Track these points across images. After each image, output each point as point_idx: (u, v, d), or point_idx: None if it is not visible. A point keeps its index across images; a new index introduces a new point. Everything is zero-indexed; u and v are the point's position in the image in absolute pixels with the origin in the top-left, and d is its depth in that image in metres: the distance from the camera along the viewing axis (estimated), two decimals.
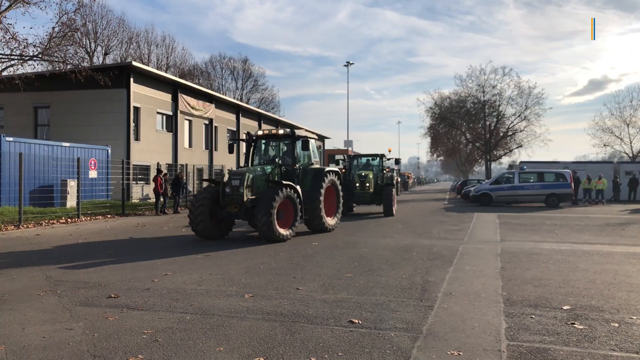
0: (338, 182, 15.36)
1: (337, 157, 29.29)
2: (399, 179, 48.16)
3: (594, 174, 31.67)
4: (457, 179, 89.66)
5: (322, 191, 14.17)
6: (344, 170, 22.63)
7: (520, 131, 52.10)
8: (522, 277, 8.20)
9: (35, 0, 21.69)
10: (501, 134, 53.85)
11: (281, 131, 14.70)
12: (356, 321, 5.61)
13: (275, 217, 12.21)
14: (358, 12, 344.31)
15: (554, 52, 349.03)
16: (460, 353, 4.63)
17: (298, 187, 13.49)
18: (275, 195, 12.33)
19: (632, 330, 5.34)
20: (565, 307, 6.26)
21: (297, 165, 14.26)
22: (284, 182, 13.00)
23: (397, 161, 22.78)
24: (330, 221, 14.88)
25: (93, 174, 23.25)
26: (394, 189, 21.46)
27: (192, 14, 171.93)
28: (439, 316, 5.87)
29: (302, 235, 14.33)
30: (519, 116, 51.44)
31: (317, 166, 15.20)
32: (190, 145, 34.84)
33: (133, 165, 26.50)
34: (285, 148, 15.14)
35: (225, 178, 13.13)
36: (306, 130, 18.50)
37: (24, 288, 7.38)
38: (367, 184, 21.33)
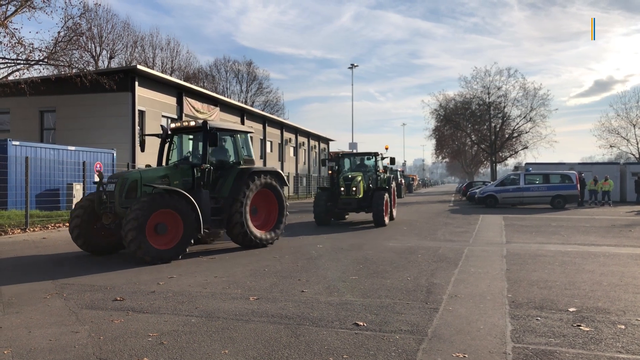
0: (281, 187, 12.57)
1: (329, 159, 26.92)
2: (403, 181, 48.00)
3: (600, 175, 31.55)
4: (462, 180, 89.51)
5: (246, 198, 11.50)
6: (330, 173, 20.56)
7: (526, 132, 52.05)
8: (527, 279, 8.17)
9: (41, 5, 21.82)
10: (506, 136, 53.75)
11: (192, 123, 11.98)
12: (361, 324, 5.60)
13: (144, 232, 9.58)
14: (361, 15, 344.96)
15: (559, 54, 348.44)
16: (466, 355, 4.61)
17: (212, 191, 11.42)
18: (147, 204, 9.71)
19: (639, 332, 5.31)
20: (571, 309, 6.23)
21: (207, 165, 11.38)
22: (172, 188, 10.40)
23: (392, 160, 19.99)
24: (261, 234, 12.00)
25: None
26: (386, 194, 18.05)
27: (196, 18, 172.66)
28: (444, 318, 5.85)
29: (306, 238, 14.34)
30: (524, 117, 51.39)
31: (249, 166, 12.22)
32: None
33: (138, 168, 26.55)
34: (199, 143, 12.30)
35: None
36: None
37: (30, 291, 7.41)
38: (354, 188, 17.95)
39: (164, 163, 12.34)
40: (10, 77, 22.99)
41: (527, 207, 28.45)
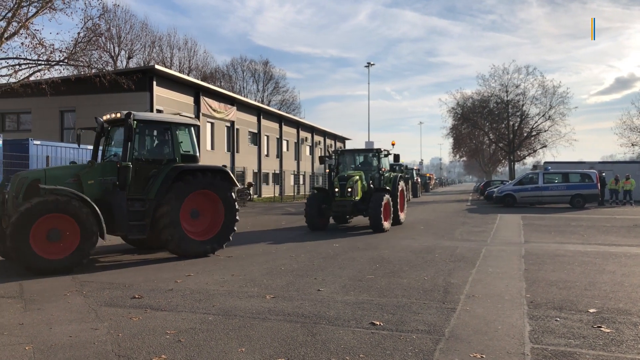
0: (228, 188, 10.90)
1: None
2: (419, 180, 47.58)
3: (621, 174, 31.01)
4: (480, 179, 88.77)
5: (175, 200, 9.99)
6: (327, 171, 18.90)
7: (545, 131, 51.36)
8: (546, 279, 8.07)
9: (62, 6, 22.16)
10: (525, 134, 53.12)
11: (118, 114, 10.59)
12: (378, 323, 5.59)
13: (28, 238, 8.44)
14: (377, 13, 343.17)
15: (578, 51, 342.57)
16: (483, 356, 4.57)
17: (142, 192, 10.04)
18: (33, 208, 8.53)
19: None
20: (591, 310, 6.14)
21: (127, 163, 9.86)
22: (63, 189, 9.06)
23: (396, 158, 18.18)
24: (199, 241, 10.46)
25: None
26: (386, 196, 15.84)
27: (213, 18, 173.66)
28: (461, 318, 5.81)
29: (322, 237, 14.34)
30: (543, 116, 50.70)
31: (186, 164, 10.66)
32: (212, 148, 35.15)
33: None
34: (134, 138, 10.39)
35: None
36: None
37: (51, 288, 7.53)
38: (349, 189, 15.79)
39: (98, 159, 10.89)
40: (32, 78, 23.38)
41: (546, 206, 28.10)
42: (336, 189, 16.09)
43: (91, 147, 16.73)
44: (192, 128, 11.45)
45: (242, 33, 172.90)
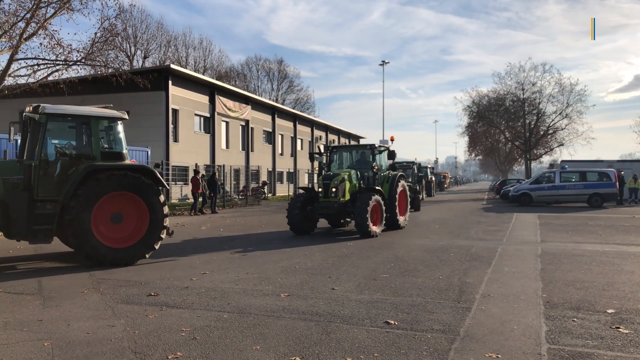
0: (151, 190, 9.63)
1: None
2: (433, 179, 47.21)
3: None
4: (495, 178, 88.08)
5: (85, 204, 8.97)
6: (316, 169, 17.40)
7: (562, 129, 50.78)
8: (563, 279, 7.98)
9: (79, 7, 22.41)
10: (541, 133, 52.58)
11: (29, 108, 9.72)
12: (392, 322, 5.57)
13: None
14: (392, 11, 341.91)
15: (596, 48, 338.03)
16: (499, 356, 4.54)
17: (56, 193, 9.11)
18: None
19: None
20: (609, 311, 6.06)
21: (32, 161, 9.17)
22: None
23: (391, 154, 16.13)
24: (117, 248, 9.34)
25: None
26: (375, 196, 14.03)
27: (227, 17, 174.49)
28: (476, 318, 5.78)
29: (337, 235, 14.34)
30: (560, 114, 50.14)
31: (103, 162, 9.52)
32: (227, 147, 35.33)
33: (172, 166, 27.05)
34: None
35: None
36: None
37: (69, 285, 7.63)
38: (334, 189, 14.17)
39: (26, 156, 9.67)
40: (50, 78, 23.68)
41: (563, 205, 27.78)
42: (319, 189, 14.68)
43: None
44: (118, 122, 10.22)
45: (256, 32, 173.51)
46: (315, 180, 52.34)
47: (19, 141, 10.70)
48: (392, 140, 18.26)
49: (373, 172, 15.17)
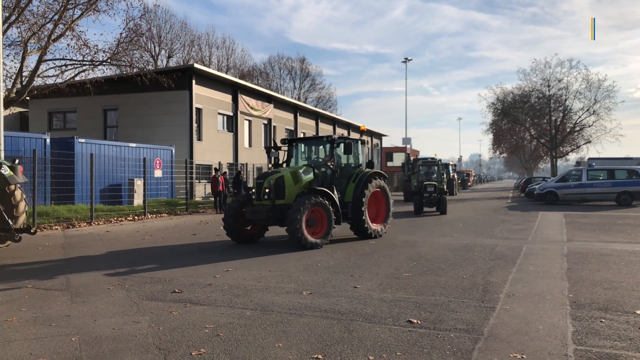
0: None
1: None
2: (456, 177, 46.52)
3: None
4: (520, 176, 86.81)
5: None
6: (270, 166, 14.37)
7: (589, 126, 49.66)
8: (590, 279, 7.83)
9: (105, 8, 22.79)
10: (568, 130, 51.55)
11: None
12: (415, 321, 5.54)
13: None
14: (414, 8, 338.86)
15: (625, 42, 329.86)
16: (524, 356, 4.47)
17: None
18: None
19: None
20: (638, 312, 5.92)
21: None
22: None
23: (347, 148, 12.99)
24: None
25: (158, 173, 24.16)
26: (314, 199, 11.36)
27: (249, 16, 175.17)
28: (501, 318, 5.70)
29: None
30: (587, 110, 49.04)
31: None
32: (250, 145, 35.55)
33: (196, 164, 27.34)
34: None
35: None
36: None
37: (96, 282, 7.78)
38: (267, 190, 11.81)
39: None
40: (77, 78, 24.13)
41: (590, 204, 27.24)
42: (253, 190, 12.50)
43: (134, 145, 16.61)
44: None
45: (278, 31, 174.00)
46: None
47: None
48: (362, 130, 15.46)
49: (331, 170, 12.63)
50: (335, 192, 12.27)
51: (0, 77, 14.92)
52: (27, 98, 25.60)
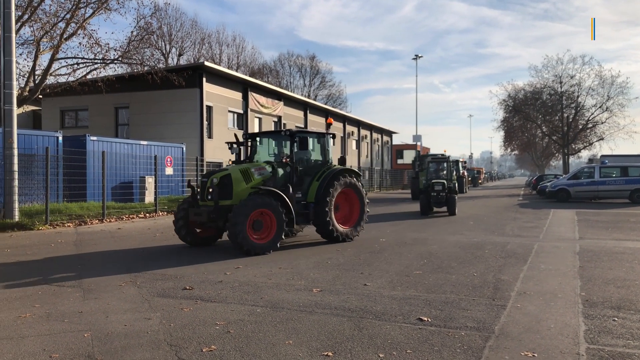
0: None
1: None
2: (466, 174, 46.10)
3: None
4: (532, 173, 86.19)
5: None
6: (230, 163, 13.33)
7: (602, 123, 49.12)
8: (603, 277, 7.76)
9: (116, 6, 22.93)
10: (580, 127, 51.05)
11: None
12: (425, 319, 5.53)
13: None
14: (424, 4, 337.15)
15: (638, 38, 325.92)
16: (535, 355, 4.45)
17: None
18: None
19: None
20: None
21: None
22: None
23: (303, 143, 11.25)
24: None
25: (169, 170, 24.27)
26: (261, 199, 10.25)
27: (259, 14, 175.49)
28: (512, 316, 5.67)
29: (369, 231, 14.28)
30: (600, 107, 48.50)
31: None
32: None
33: (206, 162, 27.44)
34: None
35: None
36: None
37: (107, 279, 7.84)
38: (211, 190, 10.68)
39: None
40: (89, 76, 24.32)
41: (603, 201, 26.98)
42: (198, 189, 11.42)
43: (145, 143, 16.67)
44: None
45: (288, 28, 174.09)
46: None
47: None
48: (329, 124, 13.26)
49: (291, 167, 11.43)
50: (292, 191, 10.97)
51: (13, 75, 15.07)
52: (40, 96, 25.89)
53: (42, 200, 16.32)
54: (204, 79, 28.53)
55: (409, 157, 60.89)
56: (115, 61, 23.94)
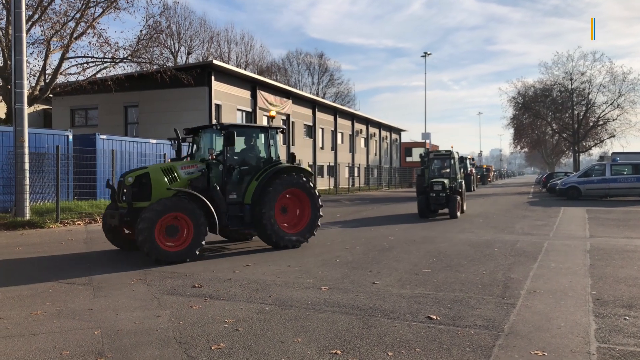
0: None
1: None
2: (474, 171, 45.72)
3: None
4: (542, 171, 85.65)
5: None
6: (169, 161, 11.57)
7: (613, 120, 48.72)
8: (614, 276, 7.69)
9: (125, 5, 23.03)
10: (591, 124, 50.65)
11: None
12: (434, 317, 5.51)
13: None
14: (433, 1, 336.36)
15: None
16: (545, 354, 4.42)
17: None
18: None
19: None
20: None
21: None
22: None
23: (228, 139, 10.19)
24: None
25: None
26: (181, 203, 9.22)
27: (267, 12, 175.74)
28: (521, 314, 5.64)
29: (377, 229, 14.26)
30: (611, 104, 48.10)
31: None
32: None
33: None
34: None
35: None
36: None
37: (117, 276, 7.89)
38: (124, 190, 9.77)
39: None
40: (98, 75, 24.47)
41: (614, 199, 26.74)
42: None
43: (154, 141, 16.67)
44: None
45: (296, 26, 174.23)
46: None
47: None
48: (271, 118, 11.80)
49: (224, 165, 10.39)
50: (221, 191, 10.00)
51: (24, 75, 15.19)
52: (50, 95, 26.08)
53: (53, 198, 16.43)
54: (213, 78, 28.61)
55: (417, 155, 60.72)
56: (125, 60, 24.07)
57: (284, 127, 11.60)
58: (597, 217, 17.42)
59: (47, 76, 22.31)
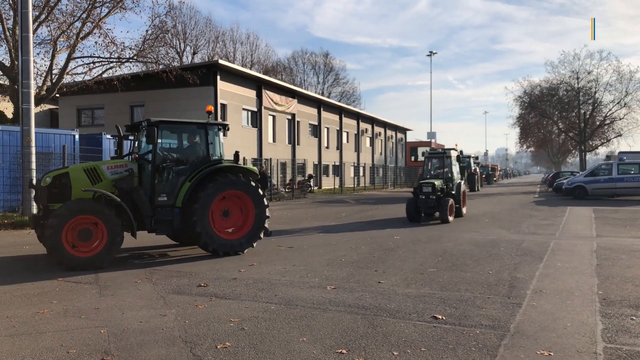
0: None
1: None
2: (478, 171, 45.42)
3: None
4: (548, 171, 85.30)
5: None
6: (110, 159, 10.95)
7: (620, 119, 48.44)
8: (621, 276, 7.65)
9: (131, 5, 23.09)
10: (597, 123, 50.38)
11: None
12: (440, 317, 5.50)
13: None
14: (439, 0, 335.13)
15: None
16: (551, 354, 4.40)
17: None
18: None
19: None
20: None
21: None
22: None
23: (150, 136, 9.30)
24: None
25: None
26: (85, 206, 8.58)
27: (272, 11, 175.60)
28: (527, 314, 5.62)
29: (383, 229, 14.25)
30: (618, 103, 47.83)
31: None
32: (274, 140, 35.66)
33: None
34: None
35: None
36: None
37: (123, 275, 7.92)
38: (39, 190, 9.18)
39: None
40: (104, 75, 24.54)
41: (620, 199, 26.59)
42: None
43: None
44: None
45: (301, 25, 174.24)
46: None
47: None
48: (209, 112, 10.75)
49: (152, 164, 9.53)
50: (144, 193, 9.32)
51: (31, 75, 15.26)
52: (57, 95, 26.20)
53: None
54: (218, 77, 28.65)
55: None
56: (131, 60, 24.11)
57: (227, 122, 10.89)
58: (604, 216, 17.33)
59: (53, 76, 22.38)
